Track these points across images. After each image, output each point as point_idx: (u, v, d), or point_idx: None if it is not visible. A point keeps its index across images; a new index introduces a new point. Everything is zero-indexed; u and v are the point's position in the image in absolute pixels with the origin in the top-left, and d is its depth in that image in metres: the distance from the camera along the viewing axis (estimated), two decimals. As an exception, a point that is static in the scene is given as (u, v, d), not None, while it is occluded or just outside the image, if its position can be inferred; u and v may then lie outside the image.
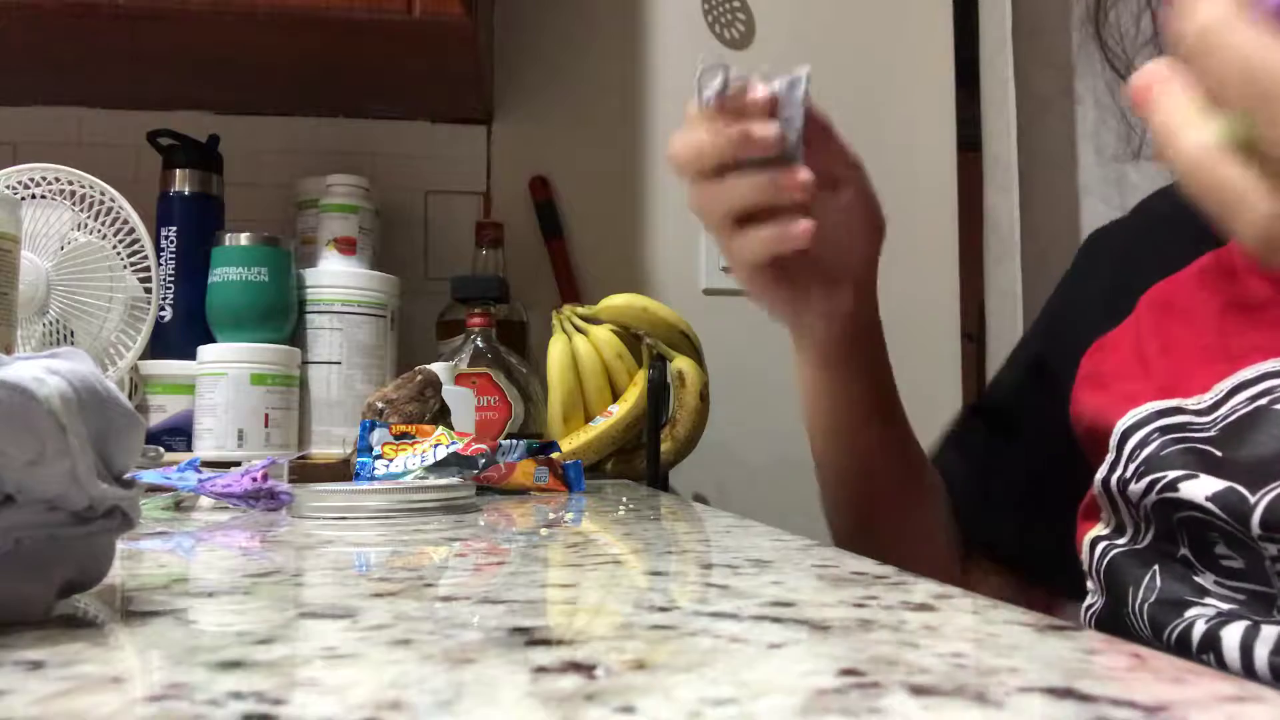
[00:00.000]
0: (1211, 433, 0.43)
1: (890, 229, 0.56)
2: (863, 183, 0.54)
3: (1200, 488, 0.42)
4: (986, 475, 0.63)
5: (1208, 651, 0.41)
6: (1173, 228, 0.52)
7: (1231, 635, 0.40)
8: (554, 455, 0.81)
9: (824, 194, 0.51)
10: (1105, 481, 0.47)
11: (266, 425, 1.03)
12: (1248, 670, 0.39)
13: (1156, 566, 0.45)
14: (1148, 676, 0.18)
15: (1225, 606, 0.42)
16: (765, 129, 0.48)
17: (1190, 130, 0.27)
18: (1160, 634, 0.43)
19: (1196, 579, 0.43)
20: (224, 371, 1.02)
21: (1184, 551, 0.44)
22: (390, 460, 0.74)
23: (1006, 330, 1.37)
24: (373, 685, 0.18)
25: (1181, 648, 0.42)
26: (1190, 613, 0.42)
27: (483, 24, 1.18)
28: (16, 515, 0.23)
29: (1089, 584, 0.50)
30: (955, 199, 1.46)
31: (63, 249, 0.89)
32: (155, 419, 1.05)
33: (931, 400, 1.48)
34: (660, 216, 1.42)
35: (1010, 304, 1.36)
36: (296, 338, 1.11)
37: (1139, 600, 0.45)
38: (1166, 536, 0.45)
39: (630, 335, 1.13)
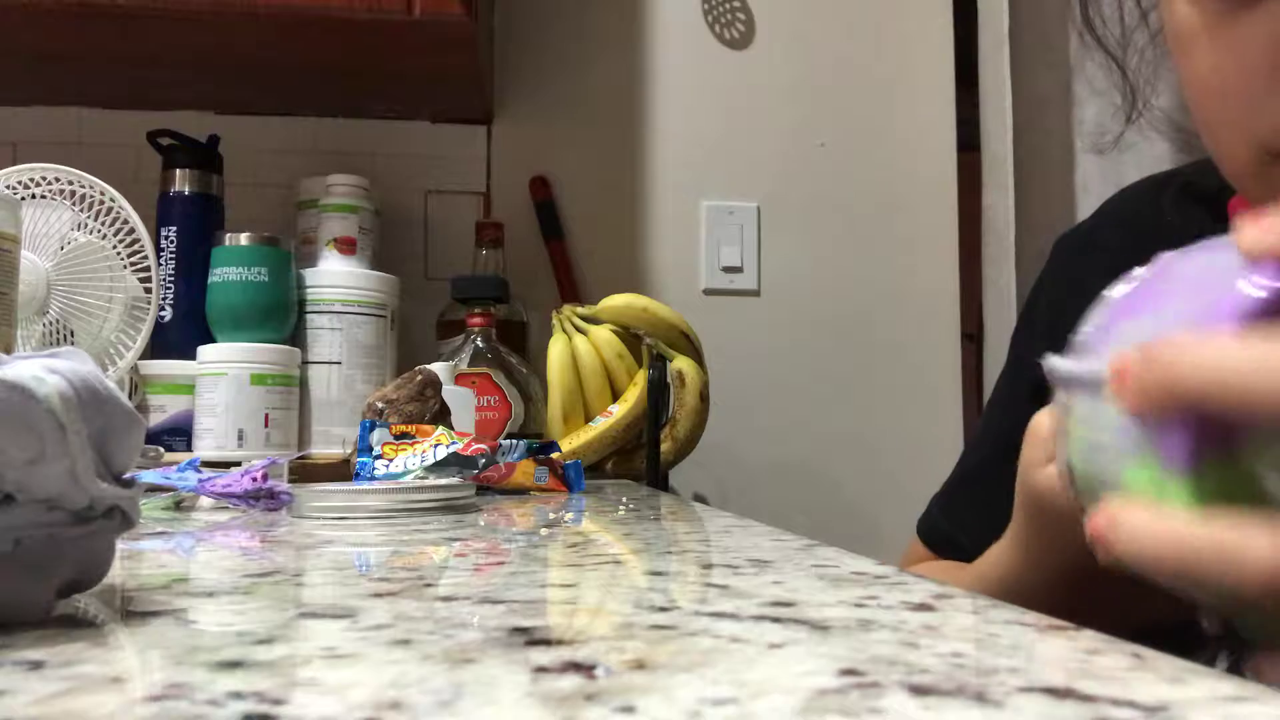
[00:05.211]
0: None
1: (890, 229, 0.55)
2: None
3: None
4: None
5: None
6: (1132, 232, 0.52)
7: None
8: (554, 455, 0.81)
9: None
10: None
11: (266, 425, 1.03)
12: None
13: None
14: (1148, 676, 0.18)
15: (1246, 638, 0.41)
16: None
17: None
18: None
19: None
20: (224, 371, 1.02)
21: None
22: (390, 460, 0.74)
23: (1004, 330, 1.37)
24: (373, 685, 0.18)
25: None
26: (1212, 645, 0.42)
27: (483, 24, 1.18)
28: (16, 515, 0.23)
29: None
30: (955, 199, 1.46)
31: (63, 249, 0.89)
32: (155, 419, 1.05)
33: (932, 400, 1.49)
34: (660, 216, 1.42)
35: (1007, 304, 1.36)
36: (296, 338, 1.11)
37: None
38: None
39: (630, 335, 1.13)
